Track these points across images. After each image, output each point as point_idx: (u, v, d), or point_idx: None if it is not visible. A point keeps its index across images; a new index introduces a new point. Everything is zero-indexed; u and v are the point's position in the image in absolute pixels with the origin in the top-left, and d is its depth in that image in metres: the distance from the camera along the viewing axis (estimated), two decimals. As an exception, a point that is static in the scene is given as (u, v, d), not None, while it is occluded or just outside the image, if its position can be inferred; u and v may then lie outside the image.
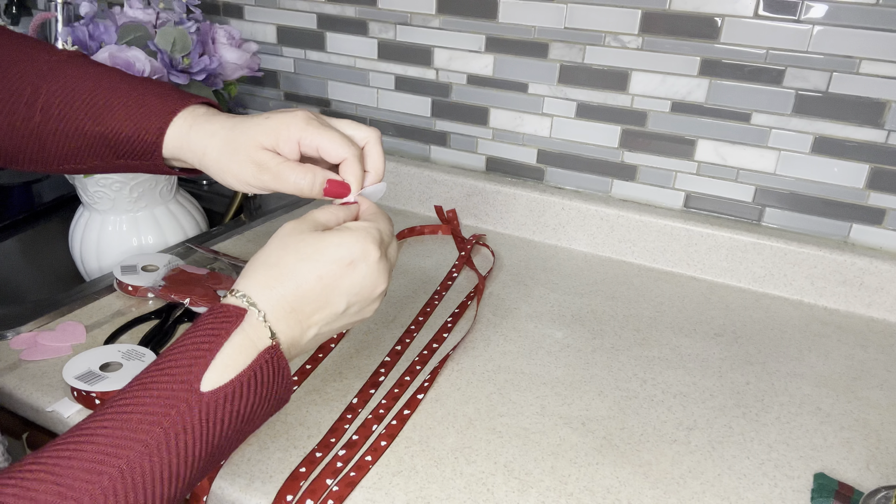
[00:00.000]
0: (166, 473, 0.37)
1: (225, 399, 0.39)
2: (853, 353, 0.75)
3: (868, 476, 0.58)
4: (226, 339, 0.40)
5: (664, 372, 0.70)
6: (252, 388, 0.40)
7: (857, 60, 0.78)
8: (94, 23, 0.81)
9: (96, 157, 0.55)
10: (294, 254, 0.43)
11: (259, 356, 0.41)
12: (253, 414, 0.41)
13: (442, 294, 0.82)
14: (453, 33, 0.97)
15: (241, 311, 0.41)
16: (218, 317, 0.41)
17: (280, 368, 0.42)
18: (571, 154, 0.96)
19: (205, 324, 0.41)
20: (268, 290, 0.42)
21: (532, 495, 0.54)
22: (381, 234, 0.46)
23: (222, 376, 0.39)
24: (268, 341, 0.41)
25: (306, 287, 0.43)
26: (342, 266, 0.43)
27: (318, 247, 0.44)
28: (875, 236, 0.84)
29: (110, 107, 0.53)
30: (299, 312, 0.43)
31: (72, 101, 0.53)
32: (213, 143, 0.51)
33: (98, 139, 0.53)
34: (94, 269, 0.90)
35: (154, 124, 0.52)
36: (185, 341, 0.41)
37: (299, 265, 0.43)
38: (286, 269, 0.43)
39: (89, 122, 0.53)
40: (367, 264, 0.44)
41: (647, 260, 0.92)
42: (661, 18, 0.84)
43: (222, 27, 0.90)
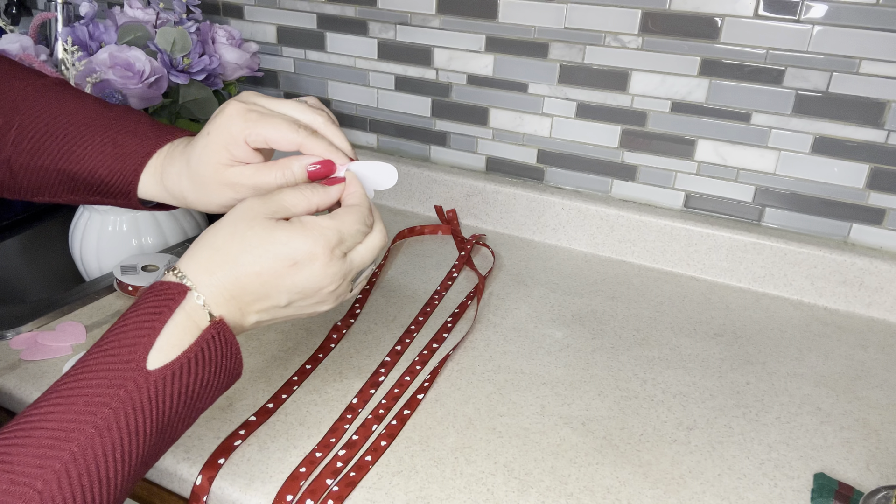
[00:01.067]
0: (118, 453, 0.36)
1: (173, 376, 0.38)
2: (853, 353, 0.75)
3: (868, 476, 0.58)
4: (168, 318, 0.39)
5: (664, 372, 0.70)
6: (200, 363, 0.40)
7: (857, 60, 0.78)
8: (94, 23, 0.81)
9: (70, 192, 0.53)
10: (240, 242, 0.42)
11: (204, 332, 0.40)
12: (203, 390, 0.40)
13: (442, 294, 0.82)
14: (453, 33, 0.97)
15: (182, 288, 0.41)
16: (159, 295, 0.40)
17: (227, 343, 0.41)
18: (571, 154, 0.96)
19: (146, 303, 0.40)
20: (208, 274, 0.41)
21: (532, 495, 0.54)
22: (341, 235, 0.44)
23: (168, 354, 0.39)
24: (206, 317, 0.41)
25: (244, 280, 0.42)
26: (284, 265, 0.42)
27: (264, 240, 0.42)
28: (875, 236, 0.84)
29: (84, 145, 0.51)
30: (239, 300, 0.42)
31: (45, 137, 0.51)
32: (184, 185, 0.49)
33: (71, 177, 0.52)
34: (94, 269, 0.90)
35: (129, 167, 0.51)
36: (126, 321, 0.40)
37: (241, 256, 0.42)
38: (228, 256, 0.42)
39: (62, 160, 0.52)
40: (311, 268, 0.43)
41: (647, 260, 0.92)
42: (661, 18, 0.84)
43: (222, 27, 0.90)
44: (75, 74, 0.77)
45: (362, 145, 1.11)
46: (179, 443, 0.57)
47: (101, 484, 0.36)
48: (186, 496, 0.56)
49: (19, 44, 0.78)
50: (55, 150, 0.51)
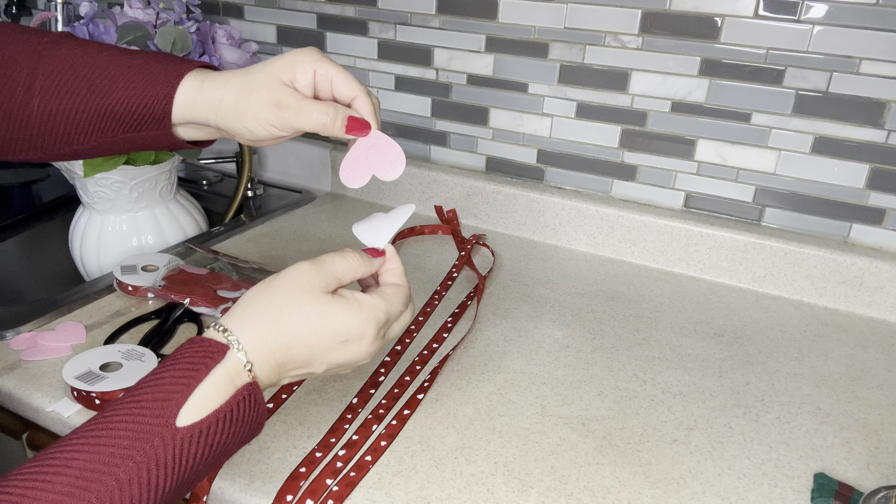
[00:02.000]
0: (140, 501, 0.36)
1: (200, 434, 0.39)
2: (853, 353, 0.75)
3: (868, 476, 0.58)
4: (205, 375, 0.39)
5: (664, 372, 0.70)
6: (228, 422, 0.40)
7: (857, 60, 0.78)
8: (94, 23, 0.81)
9: (101, 133, 0.52)
10: (298, 315, 0.43)
11: (237, 392, 0.40)
12: (225, 447, 0.41)
13: (442, 294, 0.82)
14: (453, 33, 0.97)
15: (224, 347, 0.41)
16: (199, 351, 0.40)
17: (256, 404, 0.42)
18: (571, 154, 0.96)
19: (185, 357, 0.40)
20: (261, 342, 0.42)
21: (532, 495, 0.54)
22: (389, 315, 0.46)
23: (198, 413, 0.39)
24: (246, 378, 0.41)
25: (296, 351, 0.43)
26: (336, 342, 0.44)
27: (322, 316, 0.43)
28: (875, 236, 0.84)
29: (113, 78, 0.51)
30: (282, 367, 0.43)
31: (72, 79, 0.51)
32: (228, 90, 0.49)
33: (103, 114, 0.51)
34: (94, 269, 0.90)
35: (161, 88, 0.50)
36: (163, 373, 0.40)
37: (298, 329, 0.43)
38: (284, 326, 0.43)
39: (92, 97, 0.51)
40: (359, 345, 0.45)
41: (647, 260, 0.92)
42: (661, 18, 0.84)
43: (222, 27, 0.90)
44: (75, 74, 0.76)
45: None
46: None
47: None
48: (186, 496, 0.56)
49: (19, 44, 0.78)
50: (84, 90, 0.51)
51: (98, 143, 0.53)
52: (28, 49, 0.52)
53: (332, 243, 0.94)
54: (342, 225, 1.00)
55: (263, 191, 1.12)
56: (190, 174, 1.17)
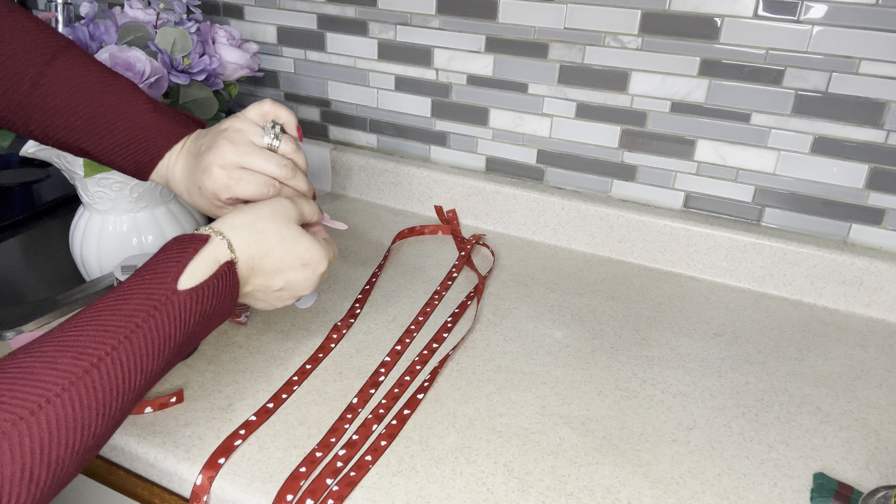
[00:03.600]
0: (153, 349, 0.45)
1: (196, 296, 0.48)
2: (853, 353, 0.75)
3: (868, 476, 0.58)
4: (193, 256, 0.49)
5: (664, 372, 0.70)
6: (213, 292, 0.49)
7: (856, 60, 0.78)
8: (94, 23, 0.81)
9: (83, 154, 0.63)
10: (277, 233, 0.54)
11: (220, 268, 0.50)
12: (211, 316, 0.49)
13: (442, 294, 0.82)
14: (453, 33, 0.97)
15: (206, 237, 0.50)
16: (185, 240, 0.50)
17: (233, 282, 0.51)
18: (571, 154, 0.96)
19: (174, 246, 0.50)
20: (245, 245, 0.52)
21: (532, 495, 0.54)
22: (331, 258, 0.58)
23: (193, 281, 0.48)
24: (227, 257, 0.51)
25: (269, 260, 0.53)
26: (300, 263, 0.55)
27: (296, 239, 0.54)
28: (874, 236, 0.84)
29: (103, 133, 0.61)
30: (253, 270, 0.53)
31: (72, 108, 0.60)
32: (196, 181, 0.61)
33: (92, 153, 0.62)
34: (94, 269, 0.90)
35: (144, 160, 0.62)
36: (157, 258, 0.49)
37: (276, 244, 0.53)
38: (266, 239, 0.53)
39: (85, 139, 0.61)
40: (314, 272, 0.56)
41: (646, 260, 0.92)
42: (661, 18, 0.84)
43: (222, 27, 0.90)
44: (75, 74, 0.77)
45: (362, 145, 1.11)
46: (179, 443, 0.57)
47: (139, 370, 0.44)
48: (187, 496, 0.56)
49: (19, 44, 0.78)
50: (78, 130, 0.61)
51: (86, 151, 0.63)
52: (41, 48, 0.59)
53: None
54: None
55: (263, 191, 1.11)
56: (190, 174, 1.17)
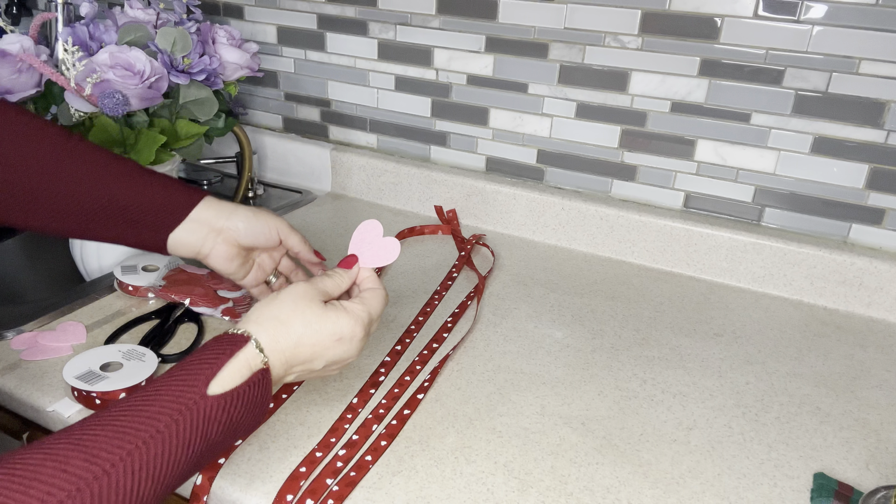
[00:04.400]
0: (171, 458, 0.42)
1: (225, 404, 0.45)
2: (852, 353, 0.75)
3: (868, 476, 0.58)
4: (230, 359, 0.47)
5: (664, 372, 0.70)
6: (245, 399, 0.47)
7: (856, 60, 0.78)
8: (94, 23, 0.81)
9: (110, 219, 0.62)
10: (301, 319, 0.52)
11: (253, 375, 0.48)
12: (239, 424, 0.47)
13: (442, 294, 0.82)
14: (453, 33, 0.97)
15: (245, 338, 0.49)
16: (224, 341, 0.48)
17: (267, 388, 0.49)
18: (571, 154, 0.96)
19: (211, 346, 0.48)
20: (273, 341, 0.50)
21: (532, 495, 0.54)
22: (371, 316, 0.56)
23: (224, 387, 0.46)
24: (261, 365, 0.49)
25: (301, 349, 0.52)
26: (332, 340, 0.53)
27: (320, 319, 0.53)
28: (874, 236, 0.84)
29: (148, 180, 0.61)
30: (288, 363, 0.51)
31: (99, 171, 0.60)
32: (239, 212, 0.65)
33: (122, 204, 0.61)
34: (94, 269, 0.90)
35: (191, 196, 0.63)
36: (193, 358, 0.47)
37: (302, 330, 0.52)
38: (292, 329, 0.51)
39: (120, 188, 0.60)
40: (351, 342, 0.54)
41: (647, 260, 0.92)
42: (661, 18, 0.84)
43: (222, 27, 0.91)
44: (75, 75, 0.77)
45: (362, 145, 1.11)
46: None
47: (152, 480, 0.41)
48: (187, 496, 0.56)
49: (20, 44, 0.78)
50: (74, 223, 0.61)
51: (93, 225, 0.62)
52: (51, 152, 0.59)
53: (333, 243, 0.94)
54: (342, 225, 1.00)
55: (264, 191, 1.12)
56: (190, 174, 1.17)
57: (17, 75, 0.76)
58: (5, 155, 0.58)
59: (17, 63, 0.76)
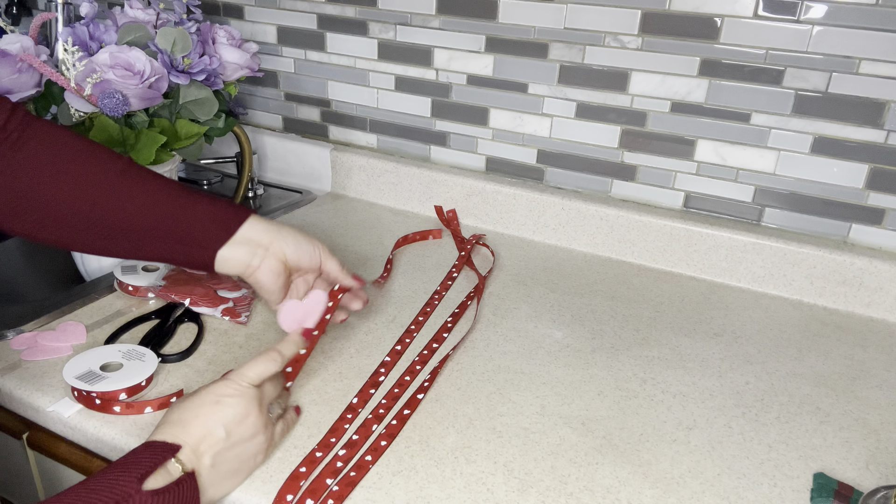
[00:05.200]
0: None
1: (159, 500, 0.45)
2: (852, 353, 0.75)
3: (867, 476, 0.58)
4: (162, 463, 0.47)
5: (664, 372, 0.70)
6: (175, 496, 0.46)
7: (856, 60, 0.78)
8: (94, 23, 0.81)
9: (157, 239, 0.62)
10: (179, 409, 0.52)
11: (181, 477, 0.47)
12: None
13: (442, 294, 0.82)
14: (453, 33, 0.97)
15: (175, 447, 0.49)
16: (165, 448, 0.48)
17: (193, 489, 0.48)
18: (571, 154, 0.96)
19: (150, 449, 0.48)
20: (172, 425, 0.50)
21: (532, 495, 0.54)
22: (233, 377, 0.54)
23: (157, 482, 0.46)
24: (181, 464, 0.48)
25: (188, 424, 0.50)
26: (210, 403, 0.52)
27: (197, 394, 0.53)
28: (874, 236, 0.84)
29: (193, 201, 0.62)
30: (194, 448, 0.50)
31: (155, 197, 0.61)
32: (286, 228, 0.66)
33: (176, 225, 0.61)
34: (94, 269, 0.90)
35: (239, 213, 0.64)
36: (130, 455, 0.47)
37: (182, 413, 0.51)
38: (182, 404, 0.52)
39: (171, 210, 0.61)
40: (230, 398, 0.52)
41: (647, 260, 0.92)
42: (661, 18, 0.84)
43: (222, 27, 0.90)
44: (75, 75, 0.77)
45: (362, 145, 1.11)
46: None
47: None
48: None
49: (20, 44, 0.78)
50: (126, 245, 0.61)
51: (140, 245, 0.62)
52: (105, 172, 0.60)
53: (332, 243, 0.94)
54: (342, 225, 1.00)
55: (264, 191, 1.12)
56: (190, 174, 1.17)
57: (17, 75, 0.76)
58: (60, 180, 0.58)
59: (17, 63, 0.76)
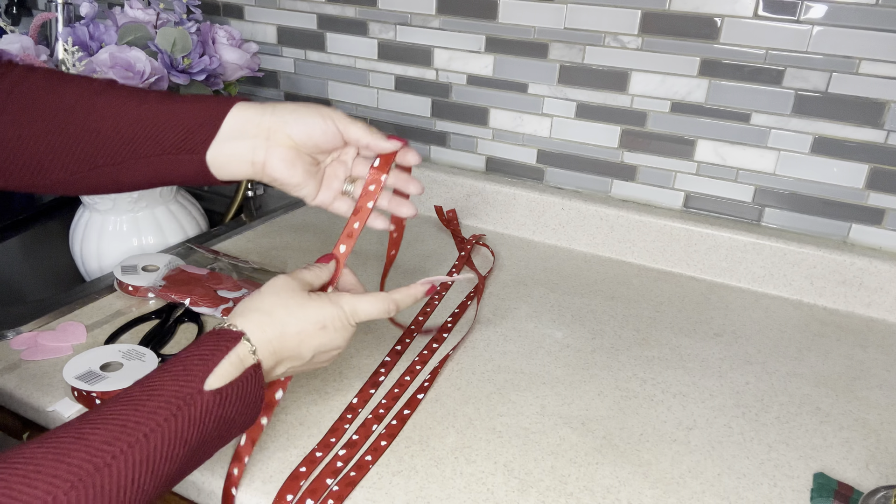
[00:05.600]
0: (170, 452, 0.42)
1: (220, 399, 0.46)
2: (853, 353, 0.75)
3: (868, 476, 0.58)
4: (224, 356, 0.47)
5: (664, 372, 0.70)
6: (238, 394, 0.47)
7: (856, 60, 0.78)
8: (94, 23, 0.81)
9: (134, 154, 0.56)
10: (283, 308, 0.52)
11: (246, 370, 0.48)
12: (232, 421, 0.47)
13: (442, 294, 0.82)
14: (453, 33, 0.97)
15: (238, 335, 0.49)
16: (218, 338, 0.49)
17: (259, 385, 0.49)
18: (571, 154, 0.96)
19: (206, 343, 0.48)
20: (259, 331, 0.50)
21: (532, 495, 0.54)
22: (353, 314, 0.55)
23: (218, 383, 0.46)
24: (252, 361, 0.49)
25: (287, 338, 0.51)
26: (316, 328, 0.53)
27: (302, 307, 0.53)
28: (874, 236, 0.84)
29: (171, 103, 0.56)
30: (276, 354, 0.51)
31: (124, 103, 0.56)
32: (282, 105, 0.58)
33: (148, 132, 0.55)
34: (94, 269, 0.90)
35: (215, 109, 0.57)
36: (188, 355, 0.47)
37: (286, 318, 0.52)
38: (276, 318, 0.51)
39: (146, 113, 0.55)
40: (336, 331, 0.54)
41: (647, 260, 0.92)
42: (661, 18, 0.84)
43: (222, 27, 0.91)
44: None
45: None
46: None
47: (152, 473, 0.41)
48: (188, 496, 0.56)
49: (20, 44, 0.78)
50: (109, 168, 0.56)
51: (126, 164, 0.56)
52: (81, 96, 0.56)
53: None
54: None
55: (263, 191, 1.12)
56: (190, 174, 1.17)
57: None
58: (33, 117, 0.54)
59: None
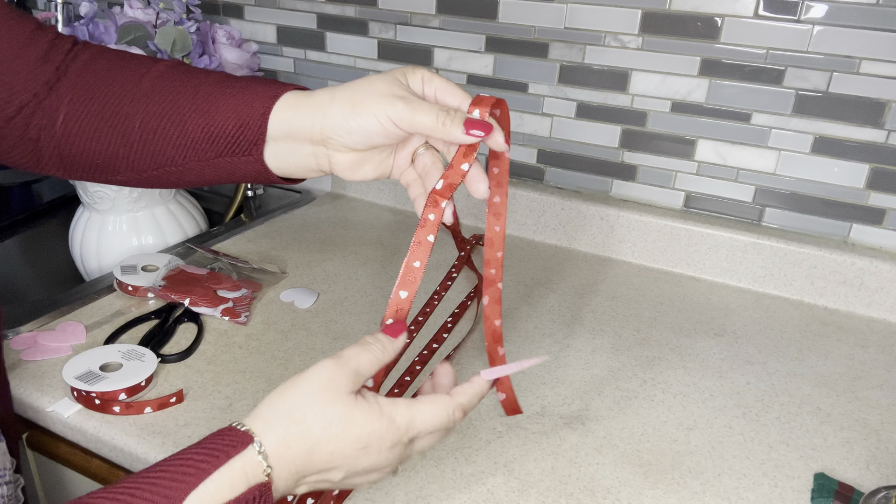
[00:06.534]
0: None
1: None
2: (853, 354, 0.75)
3: (868, 476, 0.58)
4: (223, 464, 0.38)
5: (664, 372, 0.70)
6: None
7: (857, 60, 0.78)
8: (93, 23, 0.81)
9: (194, 155, 0.51)
10: (321, 418, 0.41)
11: (249, 490, 0.39)
12: None
13: (442, 294, 0.82)
14: (453, 33, 0.97)
15: (248, 438, 0.40)
16: (223, 438, 0.40)
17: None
18: (571, 154, 0.96)
19: (208, 442, 0.40)
20: (283, 447, 0.40)
21: (532, 495, 0.54)
22: (412, 425, 0.43)
23: (206, 501, 0.37)
24: (262, 478, 0.39)
25: (316, 457, 0.41)
26: (356, 448, 0.42)
27: (344, 419, 0.41)
28: (875, 236, 0.84)
29: (214, 99, 0.50)
30: (299, 473, 0.42)
31: (174, 100, 0.51)
32: (340, 90, 0.49)
33: (200, 134, 0.50)
34: (94, 269, 0.90)
35: (259, 105, 0.49)
36: (185, 454, 0.39)
37: (320, 433, 0.41)
38: (308, 430, 0.41)
39: (192, 116, 0.50)
40: (378, 453, 0.42)
41: (647, 260, 0.92)
42: (661, 18, 0.84)
43: (222, 27, 0.91)
44: (75, 74, 0.76)
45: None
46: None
47: None
48: None
49: (19, 44, 0.78)
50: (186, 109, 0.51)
51: (189, 165, 0.52)
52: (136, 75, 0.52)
53: (332, 243, 0.94)
54: (342, 224, 1.00)
55: (263, 191, 1.12)
56: (190, 174, 1.17)
57: None
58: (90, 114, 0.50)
59: None
